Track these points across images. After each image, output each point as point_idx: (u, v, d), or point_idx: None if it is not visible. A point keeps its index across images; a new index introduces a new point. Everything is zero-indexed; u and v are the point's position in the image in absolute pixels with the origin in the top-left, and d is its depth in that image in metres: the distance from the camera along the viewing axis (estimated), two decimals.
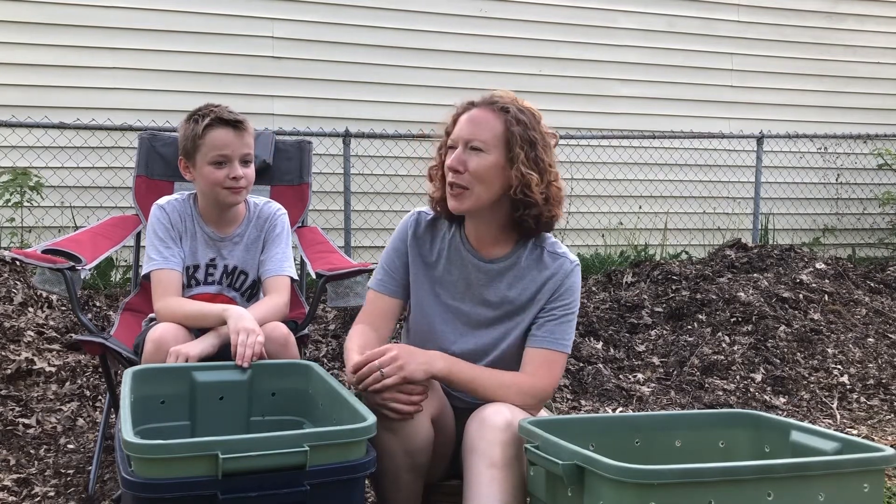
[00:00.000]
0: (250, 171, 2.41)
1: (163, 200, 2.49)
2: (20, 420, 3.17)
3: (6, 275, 4.09)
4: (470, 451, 1.82)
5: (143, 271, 2.48)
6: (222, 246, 2.50)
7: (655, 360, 4.18)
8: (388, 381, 1.81)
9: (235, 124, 2.35)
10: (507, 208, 2.00)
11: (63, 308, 4.03)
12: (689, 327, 4.43)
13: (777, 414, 3.66)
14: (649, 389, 3.88)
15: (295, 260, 2.64)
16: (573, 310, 2.04)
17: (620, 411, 3.65)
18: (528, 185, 1.94)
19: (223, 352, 2.17)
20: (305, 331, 2.61)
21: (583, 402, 3.74)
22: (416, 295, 2.10)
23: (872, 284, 5.31)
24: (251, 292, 2.54)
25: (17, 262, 3.68)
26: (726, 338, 4.30)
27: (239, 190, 2.39)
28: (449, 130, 2.01)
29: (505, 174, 1.95)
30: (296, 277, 2.54)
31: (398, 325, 2.32)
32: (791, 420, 1.91)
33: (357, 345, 2.00)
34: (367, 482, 2.00)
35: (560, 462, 1.58)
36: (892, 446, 2.25)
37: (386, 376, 1.82)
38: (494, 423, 1.82)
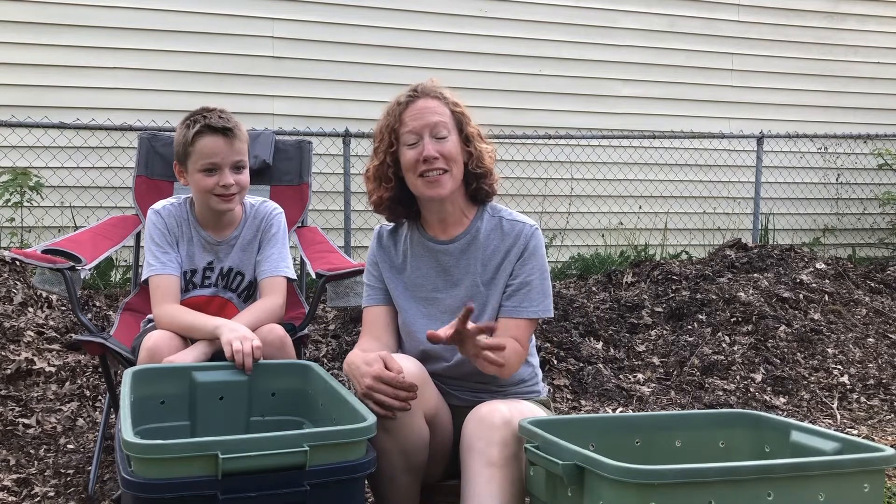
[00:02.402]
0: (243, 177, 2.38)
1: (159, 205, 2.47)
2: (20, 420, 3.17)
3: (6, 275, 4.09)
4: (467, 449, 1.82)
5: (143, 276, 2.48)
6: (220, 249, 2.48)
7: (655, 360, 4.18)
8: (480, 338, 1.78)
9: (225, 131, 2.32)
10: (462, 185, 2.08)
11: (63, 308, 4.03)
12: (689, 327, 4.43)
13: (777, 414, 3.65)
14: (649, 389, 3.88)
15: (295, 260, 2.63)
16: (538, 275, 2.04)
17: (620, 411, 3.65)
18: (481, 157, 2.06)
19: (217, 358, 2.16)
20: (305, 331, 2.60)
21: (583, 402, 3.74)
22: (395, 300, 2.13)
23: (872, 284, 5.31)
24: (248, 293, 2.53)
25: (17, 262, 3.69)
26: (726, 338, 4.30)
27: (230, 197, 2.36)
28: (395, 127, 2.05)
29: (463, 152, 2.05)
30: (293, 277, 2.52)
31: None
32: (791, 420, 1.91)
33: (360, 349, 2.02)
34: (366, 482, 2.00)
35: (560, 462, 1.58)
36: (892, 446, 2.25)
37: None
38: (492, 422, 1.81)
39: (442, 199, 2.04)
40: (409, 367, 1.89)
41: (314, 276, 2.69)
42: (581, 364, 4.02)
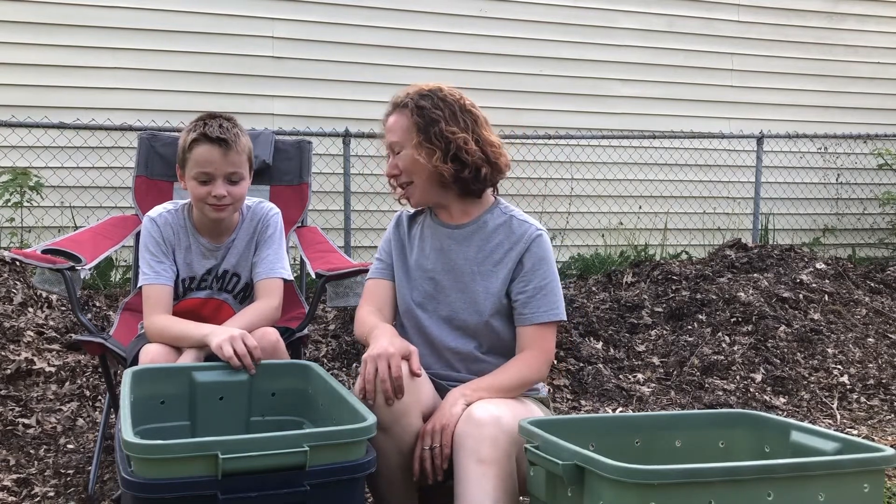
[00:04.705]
0: (238, 188, 2.35)
1: (155, 212, 2.45)
2: (20, 420, 3.17)
3: (6, 275, 4.09)
4: (459, 448, 1.83)
5: (137, 284, 2.47)
6: (218, 254, 2.47)
7: (655, 360, 4.18)
8: (447, 451, 1.87)
9: (220, 142, 2.29)
10: (450, 180, 2.08)
11: (63, 308, 4.03)
12: (689, 327, 4.43)
13: (777, 414, 3.65)
14: (649, 389, 3.88)
15: (295, 260, 2.62)
16: (551, 278, 2.09)
17: (620, 411, 3.65)
18: (453, 150, 2.04)
19: (211, 360, 2.15)
20: (305, 331, 2.60)
21: (583, 402, 3.74)
22: (397, 276, 2.19)
23: (872, 284, 5.31)
24: (244, 294, 2.51)
25: (17, 262, 3.68)
26: (726, 338, 4.30)
27: (222, 207, 2.34)
28: None
29: (424, 157, 2.06)
30: (289, 278, 2.49)
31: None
32: (791, 420, 1.91)
33: (372, 320, 2.08)
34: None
35: (560, 462, 1.58)
36: (892, 446, 2.25)
37: (441, 447, 1.87)
38: (481, 420, 1.83)
39: (424, 205, 2.16)
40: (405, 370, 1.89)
41: (314, 276, 2.69)
42: (581, 364, 4.02)
